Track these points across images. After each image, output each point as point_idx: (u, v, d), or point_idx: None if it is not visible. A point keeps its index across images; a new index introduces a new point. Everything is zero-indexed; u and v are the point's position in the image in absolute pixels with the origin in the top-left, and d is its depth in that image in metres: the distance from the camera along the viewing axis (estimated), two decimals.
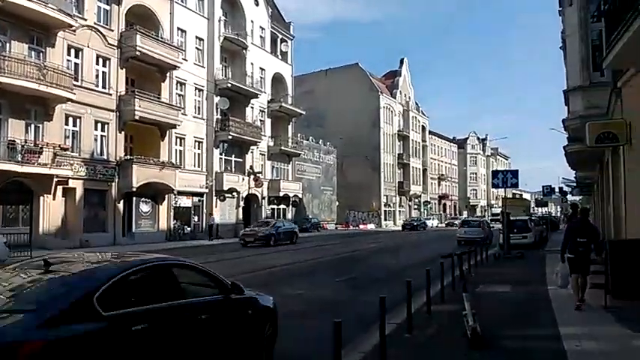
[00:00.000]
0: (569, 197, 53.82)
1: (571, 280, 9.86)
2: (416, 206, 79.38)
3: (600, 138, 9.92)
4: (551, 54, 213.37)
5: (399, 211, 73.77)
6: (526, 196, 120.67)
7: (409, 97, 78.59)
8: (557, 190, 48.28)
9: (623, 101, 10.37)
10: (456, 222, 57.45)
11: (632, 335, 7.03)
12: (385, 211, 69.69)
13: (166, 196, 33.41)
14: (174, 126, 33.25)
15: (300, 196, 48.59)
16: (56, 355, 3.60)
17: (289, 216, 47.23)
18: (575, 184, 40.56)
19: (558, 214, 73.71)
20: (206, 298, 5.30)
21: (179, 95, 35.17)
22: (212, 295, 5.39)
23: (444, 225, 72.66)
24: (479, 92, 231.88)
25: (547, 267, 16.80)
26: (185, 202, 35.75)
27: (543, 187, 42.49)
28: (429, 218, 71.56)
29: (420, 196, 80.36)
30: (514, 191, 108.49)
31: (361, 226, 62.32)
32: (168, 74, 33.61)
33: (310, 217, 51.34)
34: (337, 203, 61.41)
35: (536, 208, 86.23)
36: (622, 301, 8.96)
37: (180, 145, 35.25)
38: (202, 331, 4.94)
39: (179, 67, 33.55)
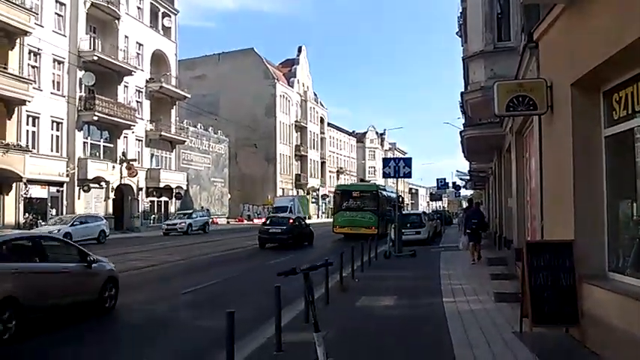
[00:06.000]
0: (463, 191, 54.18)
1: (470, 246, 16.00)
2: (314, 199, 77.33)
3: (513, 104, 7.35)
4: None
5: None
6: (422, 191, 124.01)
7: (307, 87, 76.19)
8: (450, 184, 48.02)
9: (541, 58, 7.93)
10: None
11: None
12: None
13: (14, 184, 28.12)
14: (23, 102, 28.01)
15: (184, 187, 44.30)
16: None
17: (172, 209, 42.89)
18: (468, 178, 40.07)
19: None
20: None
21: (33, 67, 29.85)
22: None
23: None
24: (380, 90, 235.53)
25: (442, 269, 14.56)
26: (39, 192, 30.53)
27: (438, 180, 41.65)
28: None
29: (319, 189, 78.40)
30: (410, 186, 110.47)
31: (256, 220, 58.80)
32: (17, 41, 28.29)
33: (201, 208, 46.98)
34: (229, 196, 57.58)
35: (430, 203, 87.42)
36: (543, 326, 6.42)
37: (34, 126, 29.97)
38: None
39: (31, 34, 28.35)
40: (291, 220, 25.35)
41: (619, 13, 5.16)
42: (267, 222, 25.35)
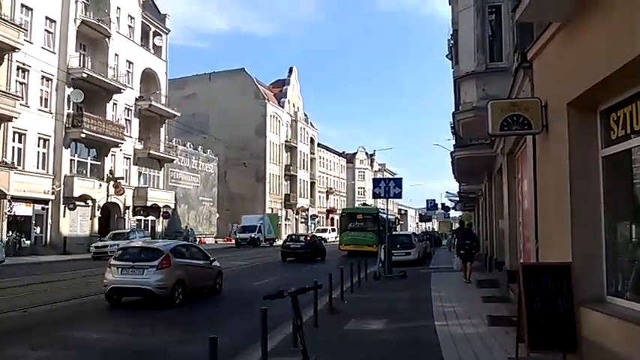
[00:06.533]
0: (452, 213, 54.04)
1: (462, 266, 17.06)
2: (303, 220, 76.93)
3: (507, 123, 7.23)
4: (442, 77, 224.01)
5: (286, 224, 70.76)
6: (411, 211, 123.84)
7: (298, 108, 76.27)
8: (440, 206, 47.86)
9: (535, 78, 7.84)
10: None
11: None
12: None
13: None
14: (10, 118, 27.65)
15: (172, 206, 43.80)
16: None
17: (159, 228, 42.34)
18: (458, 199, 40.00)
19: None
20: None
21: (20, 83, 29.54)
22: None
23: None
24: (372, 111, 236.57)
25: (433, 290, 14.30)
26: (24, 210, 29.95)
27: (427, 201, 41.39)
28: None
29: (308, 209, 78.05)
30: (400, 207, 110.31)
31: None
32: (6, 57, 28.07)
33: (185, 228, 46.32)
34: (217, 215, 57.05)
35: (419, 224, 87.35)
36: (540, 352, 6.20)
37: (20, 142, 29.55)
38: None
39: (19, 50, 28.15)
40: (308, 238, 30.89)
41: (617, 31, 5.05)
42: (288, 239, 30.81)
